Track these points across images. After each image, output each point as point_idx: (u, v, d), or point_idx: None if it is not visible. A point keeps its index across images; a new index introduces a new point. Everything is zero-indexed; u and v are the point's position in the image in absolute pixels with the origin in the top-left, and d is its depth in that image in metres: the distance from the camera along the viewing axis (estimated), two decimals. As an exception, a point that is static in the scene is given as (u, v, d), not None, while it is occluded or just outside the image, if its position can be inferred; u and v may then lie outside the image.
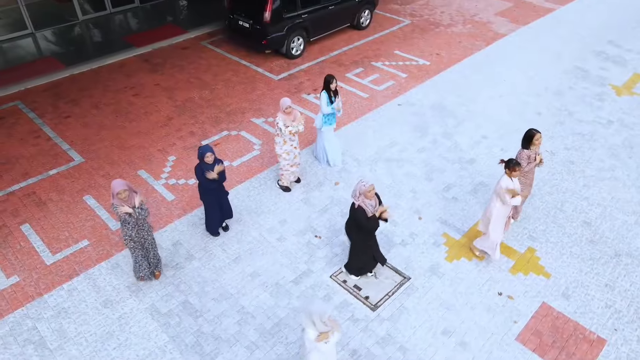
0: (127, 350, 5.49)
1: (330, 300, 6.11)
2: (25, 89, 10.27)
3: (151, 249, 5.97)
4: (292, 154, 7.34)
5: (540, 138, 6.41)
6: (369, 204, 5.64)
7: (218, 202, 6.54)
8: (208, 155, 6.09)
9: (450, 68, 11.36)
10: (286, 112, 6.98)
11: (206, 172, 6.11)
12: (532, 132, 6.43)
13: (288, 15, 10.96)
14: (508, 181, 5.99)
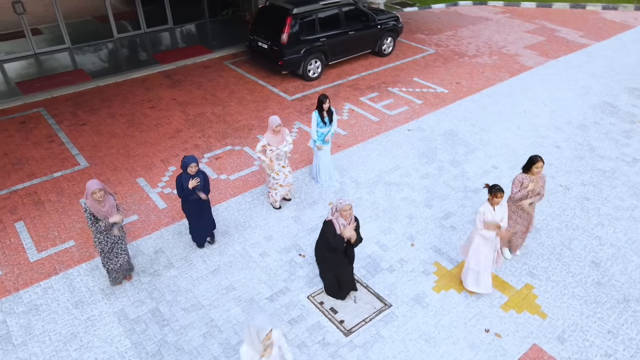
0: (88, 352, 5.40)
1: (302, 321, 5.83)
2: (52, 97, 10.77)
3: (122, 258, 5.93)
4: (282, 174, 7.18)
5: (541, 167, 6.00)
6: (342, 222, 5.41)
7: (198, 213, 6.44)
8: (192, 166, 5.99)
9: (469, 97, 11.06)
10: (274, 131, 6.79)
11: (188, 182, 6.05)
12: (534, 157, 6.04)
13: (306, 38, 11.08)
14: (486, 207, 5.62)
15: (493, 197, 5.55)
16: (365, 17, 12.17)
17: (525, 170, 6.13)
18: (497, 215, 5.66)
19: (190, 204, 6.33)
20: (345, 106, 10.56)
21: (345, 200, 5.30)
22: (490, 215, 5.62)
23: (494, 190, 5.55)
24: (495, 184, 5.61)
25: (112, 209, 5.53)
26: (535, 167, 6.00)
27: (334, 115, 7.56)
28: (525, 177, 6.09)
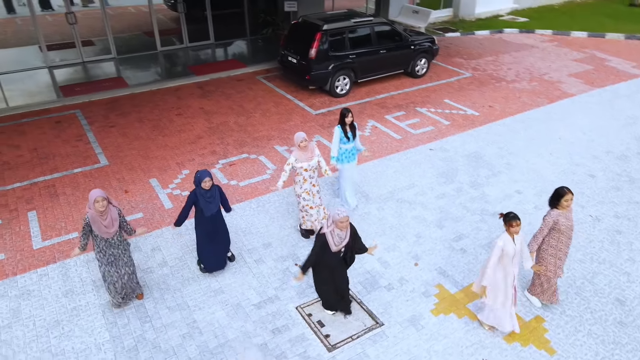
0: (66, 341, 5.37)
1: (286, 332, 5.56)
2: (89, 101, 11.29)
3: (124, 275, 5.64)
4: (312, 194, 6.70)
5: (570, 200, 5.34)
6: (338, 234, 5.16)
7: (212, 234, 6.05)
8: (206, 181, 5.65)
9: (501, 121, 10.58)
10: (301, 147, 6.40)
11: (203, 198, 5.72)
12: (562, 190, 5.38)
13: (335, 54, 11.07)
14: (505, 238, 5.11)
15: (509, 227, 5.04)
16: (399, 37, 12.04)
17: (553, 205, 5.54)
18: (518, 246, 5.17)
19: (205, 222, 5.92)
20: (369, 123, 10.37)
21: (342, 212, 5.05)
22: (511, 246, 5.09)
23: (508, 218, 5.05)
24: (510, 212, 5.14)
25: (113, 222, 5.31)
26: (565, 201, 5.34)
27: (356, 130, 7.27)
28: (560, 215, 5.41)
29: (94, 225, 5.18)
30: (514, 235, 5.08)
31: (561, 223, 5.41)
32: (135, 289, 5.84)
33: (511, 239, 5.08)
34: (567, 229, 5.47)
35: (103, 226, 5.19)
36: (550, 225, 5.42)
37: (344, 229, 5.09)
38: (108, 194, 7.71)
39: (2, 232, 6.99)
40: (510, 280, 5.24)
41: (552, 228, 5.45)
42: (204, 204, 5.76)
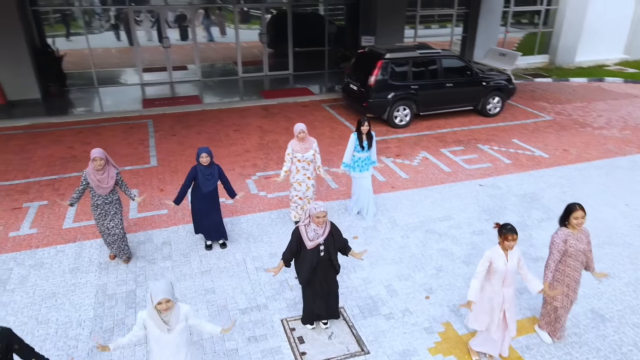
0: (54, 312, 5.52)
1: (263, 341, 5.18)
2: (163, 113, 12.18)
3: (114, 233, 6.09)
4: (305, 185, 6.85)
5: (581, 218, 4.65)
6: (314, 229, 4.81)
7: (207, 210, 6.37)
8: (203, 156, 6.09)
9: (573, 165, 9.41)
10: (299, 138, 6.63)
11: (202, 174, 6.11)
12: (572, 205, 4.73)
13: (396, 83, 10.82)
14: (495, 251, 4.44)
15: (504, 240, 4.41)
16: (469, 72, 11.48)
17: (562, 223, 4.80)
18: (510, 263, 4.46)
19: (200, 198, 6.30)
20: (420, 154, 9.83)
21: (320, 206, 4.75)
22: (502, 262, 4.45)
23: (504, 230, 4.42)
24: (508, 223, 4.47)
25: (109, 180, 5.78)
26: (574, 218, 4.65)
27: (373, 140, 7.07)
28: (569, 234, 4.73)
29: (90, 179, 5.71)
30: (507, 250, 4.37)
31: (570, 244, 4.62)
32: (122, 250, 6.23)
33: (503, 254, 4.40)
34: (577, 252, 4.67)
35: (97, 180, 5.71)
36: (560, 247, 4.65)
37: (320, 224, 4.74)
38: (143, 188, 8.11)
39: (45, 211, 7.58)
40: (498, 302, 4.53)
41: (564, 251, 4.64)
42: (202, 180, 6.12)
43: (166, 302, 3.57)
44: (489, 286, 4.59)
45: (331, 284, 5.14)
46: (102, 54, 14.83)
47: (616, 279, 6.27)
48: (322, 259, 4.95)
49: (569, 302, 4.94)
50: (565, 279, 4.85)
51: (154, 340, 3.76)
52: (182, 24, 15.28)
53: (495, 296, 4.57)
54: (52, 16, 14.05)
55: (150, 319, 3.66)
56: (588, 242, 4.83)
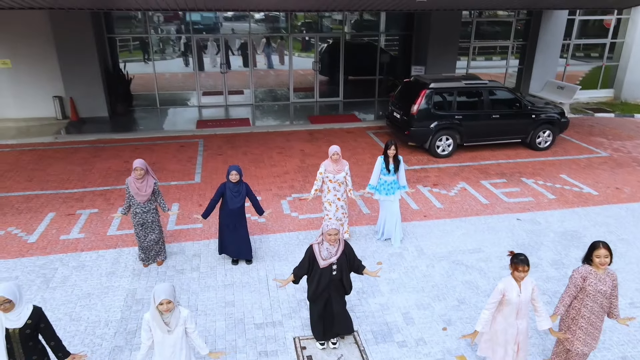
0: (86, 311, 5.94)
1: (272, 356, 5.29)
2: (214, 134, 12.85)
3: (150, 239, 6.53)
4: (334, 206, 7.00)
5: (604, 257, 4.40)
6: (327, 248, 4.92)
7: (233, 225, 6.65)
8: (233, 174, 6.42)
9: (625, 204, 8.88)
10: (332, 159, 6.92)
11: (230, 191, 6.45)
12: (595, 243, 4.50)
13: (439, 113, 10.79)
14: (508, 282, 4.34)
15: (514, 270, 4.33)
16: (518, 103, 11.23)
17: (585, 261, 4.59)
18: (524, 294, 4.33)
19: (227, 214, 6.61)
20: (459, 184, 9.67)
21: (332, 224, 4.87)
22: (515, 293, 4.33)
23: (516, 260, 4.32)
24: (521, 254, 4.36)
25: (147, 189, 6.27)
26: (596, 256, 4.42)
27: (400, 164, 7.13)
28: (591, 272, 4.52)
29: (130, 187, 6.28)
30: (519, 281, 4.25)
31: (589, 282, 4.38)
32: (158, 254, 6.78)
33: (516, 285, 4.30)
34: (596, 293, 4.41)
35: (136, 188, 6.25)
36: (578, 282, 4.44)
37: (333, 242, 4.83)
38: (184, 203, 8.57)
39: (94, 218, 8.21)
40: (512, 334, 4.39)
41: (582, 289, 4.41)
42: (229, 196, 6.44)
43: (167, 303, 3.80)
44: (501, 318, 4.47)
45: (338, 303, 5.19)
46: (166, 78, 15.95)
47: (656, 327, 5.82)
48: (333, 277, 5.03)
49: (583, 346, 4.65)
50: (580, 320, 4.58)
51: (156, 342, 3.99)
52: (241, 52, 16.14)
53: (509, 328, 4.44)
54: (125, 43, 15.36)
55: (152, 320, 3.90)
56: (614, 287, 4.54)
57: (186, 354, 4.13)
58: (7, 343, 3.88)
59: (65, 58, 12.90)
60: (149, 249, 6.68)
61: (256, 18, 15.87)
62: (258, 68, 16.32)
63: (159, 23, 15.57)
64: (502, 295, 4.35)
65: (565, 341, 4.72)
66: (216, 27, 15.58)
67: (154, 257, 6.78)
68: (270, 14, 15.66)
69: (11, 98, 13.26)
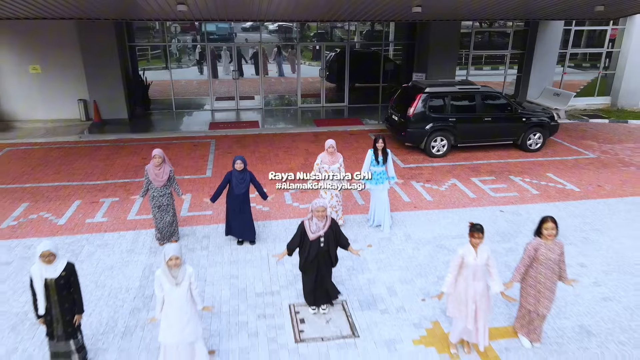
0: (109, 280, 6.80)
1: (270, 318, 6.08)
2: (225, 135, 13.77)
3: (165, 220, 7.39)
4: (329, 194, 7.79)
5: (551, 229, 5.16)
6: (316, 223, 5.71)
7: (239, 208, 7.48)
8: (238, 163, 7.28)
9: (603, 199, 9.53)
10: (328, 152, 7.71)
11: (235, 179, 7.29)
12: (544, 217, 5.28)
13: (434, 115, 11.56)
14: (466, 249, 5.09)
15: (471, 237, 5.09)
16: (509, 107, 11.96)
17: (536, 234, 5.33)
18: (479, 258, 5.09)
19: (233, 198, 7.45)
20: (450, 181, 10.40)
21: (319, 202, 5.67)
22: (471, 258, 5.09)
23: (473, 229, 5.08)
24: (477, 223, 5.13)
25: (164, 176, 7.15)
26: (545, 229, 5.18)
27: (389, 156, 7.91)
28: (541, 243, 5.27)
29: (149, 173, 7.15)
30: (476, 247, 4.99)
31: (540, 252, 5.11)
32: (172, 234, 7.60)
33: (473, 251, 5.02)
34: (547, 260, 5.14)
35: (154, 174, 7.14)
36: (532, 254, 5.19)
37: (321, 218, 5.62)
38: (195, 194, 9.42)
39: (115, 205, 9.12)
40: (470, 294, 5.11)
41: (534, 258, 5.15)
42: (235, 183, 7.28)
43: (175, 259, 4.62)
44: (462, 280, 5.20)
45: (326, 273, 5.97)
46: (182, 84, 17.00)
47: (615, 302, 6.48)
48: (321, 249, 5.82)
49: (541, 307, 5.36)
50: (537, 285, 5.31)
51: (166, 295, 4.79)
52: (252, 60, 17.14)
53: (468, 289, 5.16)
54: (144, 52, 16.45)
55: (162, 275, 4.71)
56: (561, 254, 5.29)
57: (191, 307, 4.92)
58: (46, 291, 4.73)
59: (90, 64, 13.98)
60: (164, 229, 7.53)
61: (269, 29, 16.90)
62: (269, 76, 17.29)
63: (176, 33, 16.66)
64: (461, 259, 5.10)
65: (526, 303, 5.44)
66: (230, 37, 16.60)
67: (168, 237, 7.62)
68: (282, 25, 16.65)
69: (40, 101, 14.38)
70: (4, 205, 9.07)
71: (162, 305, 4.84)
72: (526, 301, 5.46)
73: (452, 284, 5.23)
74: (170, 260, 4.65)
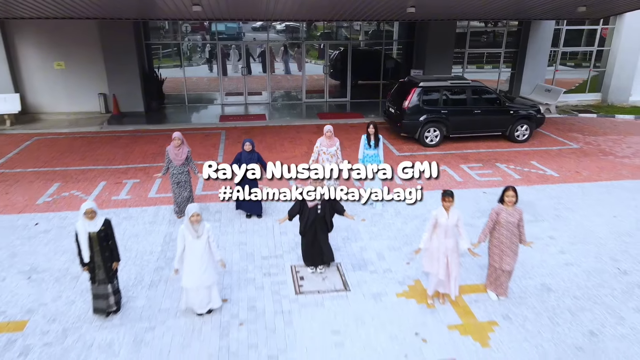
0: (135, 244, 7.84)
1: (274, 276, 7.08)
2: (234, 126, 14.81)
3: (183, 196, 8.40)
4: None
5: (512, 197, 6.12)
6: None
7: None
8: (246, 144, 8.30)
9: (579, 183, 10.44)
10: (326, 136, 8.66)
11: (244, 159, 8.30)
12: (506, 187, 6.24)
13: (427, 108, 12.51)
14: (439, 211, 6.06)
15: (442, 201, 6.06)
16: (498, 101, 12.88)
17: (499, 201, 6.29)
18: (450, 219, 6.05)
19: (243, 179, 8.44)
20: (440, 167, 11.31)
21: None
22: (444, 219, 6.05)
23: (444, 194, 6.05)
24: (448, 190, 6.11)
25: (182, 155, 8.16)
26: (506, 196, 6.14)
27: (380, 141, 8.88)
28: (502, 209, 6.23)
29: (170, 153, 8.13)
30: (447, 210, 5.95)
31: (502, 217, 6.04)
32: None
33: (445, 213, 5.97)
34: (507, 223, 6.07)
35: (174, 154, 8.13)
36: (494, 217, 6.12)
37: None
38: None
39: (137, 186, 10.17)
40: (442, 250, 6.06)
41: (497, 222, 6.10)
42: (244, 162, 8.08)
43: (196, 216, 5.64)
44: (435, 238, 6.16)
45: (322, 236, 6.95)
46: (194, 81, 18.08)
47: (575, 266, 7.41)
48: (318, 216, 6.81)
49: (504, 263, 6.31)
50: (500, 245, 6.27)
51: (188, 247, 5.80)
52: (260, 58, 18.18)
53: (440, 246, 6.13)
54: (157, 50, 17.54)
55: (186, 229, 5.72)
56: (520, 219, 6.24)
57: (209, 257, 5.94)
58: (89, 242, 5.76)
59: (110, 61, 15.08)
60: (182, 204, 8.55)
61: (277, 28, 17.94)
62: (276, 74, 18.32)
63: (187, 32, 17.73)
64: (435, 219, 6.07)
65: (493, 261, 6.39)
66: (239, 36, 17.65)
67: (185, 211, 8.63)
68: (289, 24, 17.67)
69: (64, 95, 15.52)
70: (39, 184, 10.17)
71: (181, 257, 5.85)
72: (492, 259, 6.42)
73: (427, 240, 6.20)
74: (192, 216, 5.67)
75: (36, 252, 7.60)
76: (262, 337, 5.87)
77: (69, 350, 5.59)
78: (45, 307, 6.32)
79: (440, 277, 6.22)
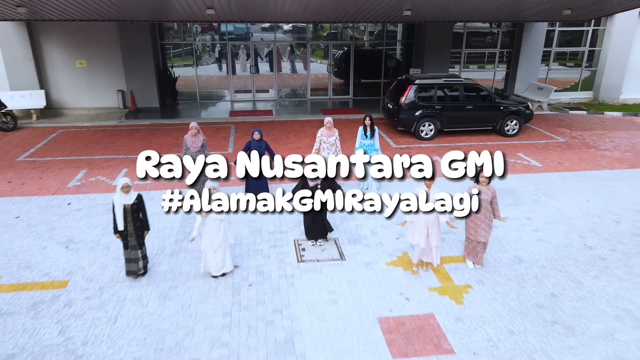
0: (156, 221, 8.82)
1: (279, 247, 8.09)
2: (243, 121, 15.85)
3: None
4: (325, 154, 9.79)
5: (485, 177, 7.08)
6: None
7: None
8: (255, 134, 9.32)
9: (559, 173, 11.36)
10: (327, 127, 9.63)
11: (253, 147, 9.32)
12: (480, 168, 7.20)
13: (422, 104, 13.47)
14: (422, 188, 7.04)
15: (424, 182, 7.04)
16: (489, 98, 13.81)
17: (475, 180, 7.26)
18: (431, 197, 7.02)
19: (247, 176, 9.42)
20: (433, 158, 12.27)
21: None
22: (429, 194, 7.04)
23: (424, 179, 7.03)
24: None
25: (198, 143, 9.18)
26: (480, 177, 7.10)
27: (375, 132, 9.86)
28: (475, 186, 7.20)
29: (187, 141, 9.12)
30: (429, 188, 6.96)
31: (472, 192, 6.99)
32: None
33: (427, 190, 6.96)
34: (481, 201, 7.00)
35: (191, 142, 9.12)
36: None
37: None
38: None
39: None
40: (423, 221, 7.00)
41: None
42: (253, 149, 9.04)
43: (214, 189, 6.66)
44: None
45: (322, 213, 7.95)
46: (204, 79, 19.16)
47: (546, 242, 8.36)
48: (318, 194, 7.81)
49: (479, 235, 7.29)
50: (475, 219, 7.25)
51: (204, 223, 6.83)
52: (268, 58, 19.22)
53: (422, 218, 7.11)
54: (173, 50, 18.63)
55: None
56: (493, 197, 7.21)
57: (225, 223, 6.96)
58: (124, 213, 6.80)
59: (128, 59, 16.18)
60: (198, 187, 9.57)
61: (284, 29, 18.97)
62: (282, 72, 19.34)
63: (197, 33, 18.79)
64: None
65: (469, 234, 7.36)
66: (247, 36, 18.69)
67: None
68: (296, 25, 18.71)
69: (85, 91, 16.64)
70: (68, 171, 11.26)
71: (199, 227, 6.87)
72: (468, 232, 7.38)
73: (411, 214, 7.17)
74: (213, 191, 6.70)
75: (71, 226, 8.68)
76: (269, 295, 6.89)
77: (105, 303, 6.64)
78: (83, 270, 7.39)
79: (422, 246, 7.20)
